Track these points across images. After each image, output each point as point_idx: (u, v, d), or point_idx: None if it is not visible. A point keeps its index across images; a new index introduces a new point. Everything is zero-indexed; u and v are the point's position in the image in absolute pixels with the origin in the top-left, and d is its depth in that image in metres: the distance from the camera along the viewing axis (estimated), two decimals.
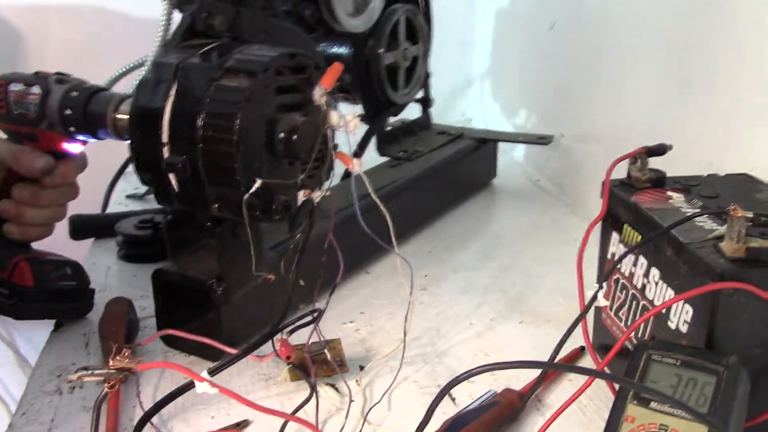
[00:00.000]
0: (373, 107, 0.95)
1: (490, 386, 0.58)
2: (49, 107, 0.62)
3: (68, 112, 0.61)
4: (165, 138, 0.54)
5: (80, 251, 0.90)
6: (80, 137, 0.63)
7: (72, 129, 0.62)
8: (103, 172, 1.06)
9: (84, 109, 0.60)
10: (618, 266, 0.57)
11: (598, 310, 0.62)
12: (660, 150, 0.59)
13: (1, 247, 0.67)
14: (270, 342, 0.56)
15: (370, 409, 0.57)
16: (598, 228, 0.60)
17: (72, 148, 0.64)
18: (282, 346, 0.55)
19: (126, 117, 0.58)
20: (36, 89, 0.62)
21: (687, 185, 0.58)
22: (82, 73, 0.66)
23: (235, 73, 0.53)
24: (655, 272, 0.52)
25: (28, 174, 0.64)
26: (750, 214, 0.47)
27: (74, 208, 0.94)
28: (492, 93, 1.43)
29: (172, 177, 0.55)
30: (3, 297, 0.66)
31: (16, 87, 0.63)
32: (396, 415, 0.57)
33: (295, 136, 0.54)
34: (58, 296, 0.67)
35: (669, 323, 0.50)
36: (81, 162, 0.66)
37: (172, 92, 0.54)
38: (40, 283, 0.66)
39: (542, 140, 1.09)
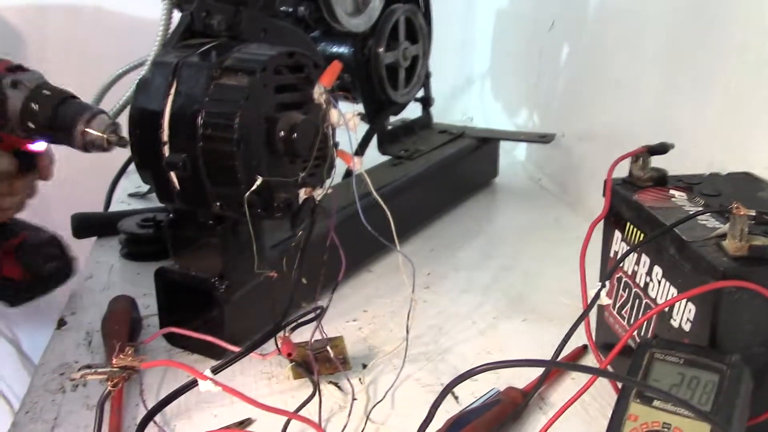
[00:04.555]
0: (373, 106, 0.95)
1: (493, 385, 0.58)
2: (10, 116, 0.58)
3: (31, 126, 0.57)
4: (165, 137, 0.54)
5: (83, 249, 0.90)
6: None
7: (35, 137, 0.60)
8: (106, 171, 1.07)
9: (49, 124, 0.57)
10: (620, 265, 0.57)
11: (601, 308, 0.62)
12: (661, 149, 0.59)
13: None
14: (273, 340, 0.56)
15: (373, 408, 0.57)
16: (600, 227, 0.60)
17: (37, 147, 0.63)
18: (284, 344, 0.55)
19: (94, 132, 0.55)
20: None
21: (689, 184, 0.58)
22: (83, 73, 0.66)
23: (234, 71, 0.53)
24: (657, 270, 0.52)
25: None
26: (752, 213, 0.47)
27: (77, 206, 0.94)
28: (493, 92, 1.43)
29: (172, 175, 0.55)
30: None
31: None
32: (399, 414, 0.57)
33: (294, 135, 0.54)
34: (45, 279, 0.68)
35: (672, 322, 0.50)
36: (51, 155, 0.66)
37: (172, 91, 0.54)
38: (33, 274, 0.66)
39: (543, 139, 1.09)
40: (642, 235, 0.54)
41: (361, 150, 0.95)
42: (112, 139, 0.56)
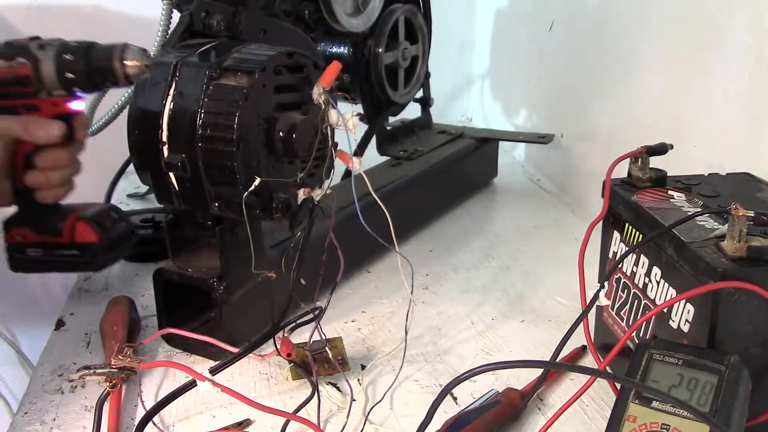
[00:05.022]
0: (372, 107, 0.95)
1: (492, 385, 0.58)
2: (45, 76, 0.61)
3: (70, 75, 0.60)
4: (164, 137, 0.54)
5: None
6: (82, 94, 0.63)
7: (75, 89, 0.62)
8: (105, 172, 1.06)
9: (86, 69, 0.59)
10: (619, 265, 0.57)
11: (600, 309, 0.62)
12: (661, 149, 0.59)
13: (45, 215, 0.68)
14: (272, 341, 0.56)
15: (371, 409, 0.57)
16: (599, 227, 0.60)
17: (76, 106, 0.65)
18: (283, 344, 0.55)
19: (133, 63, 0.58)
20: (21, 61, 0.61)
21: (688, 184, 0.58)
22: None
23: (234, 72, 0.53)
24: (656, 271, 0.52)
25: (46, 142, 0.65)
26: (751, 213, 0.47)
27: None
28: (492, 92, 1.43)
29: (171, 176, 0.55)
30: (76, 258, 0.68)
31: None
32: (397, 415, 0.57)
33: (294, 135, 0.54)
34: (119, 240, 0.69)
35: (670, 322, 0.50)
36: (85, 117, 0.67)
37: (171, 91, 0.54)
38: (105, 235, 0.68)
39: (543, 139, 1.09)
40: (641, 236, 0.54)
41: (360, 150, 0.95)
42: (148, 63, 0.58)
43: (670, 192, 0.57)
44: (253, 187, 0.53)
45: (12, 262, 0.72)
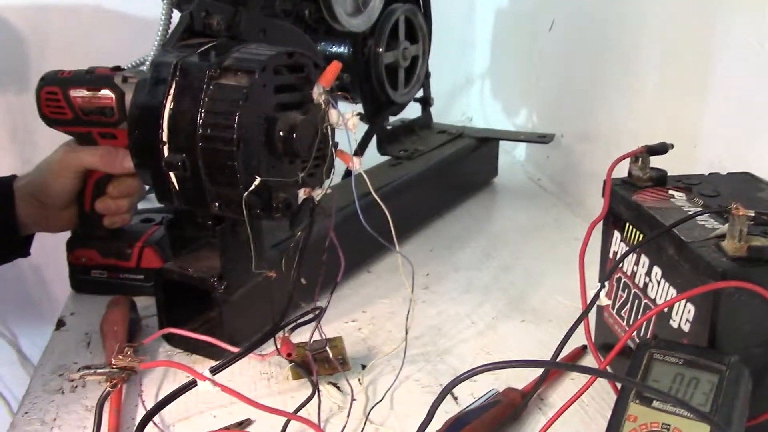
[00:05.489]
0: (373, 107, 0.95)
1: (492, 385, 0.58)
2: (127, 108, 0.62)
3: None
4: (164, 137, 0.54)
5: None
6: None
7: None
8: None
9: None
10: (620, 265, 0.57)
11: (600, 309, 0.62)
12: (661, 149, 0.59)
13: (111, 239, 0.70)
14: (272, 340, 0.56)
15: (372, 408, 0.57)
16: (599, 227, 0.60)
17: None
18: (283, 344, 0.55)
19: None
20: (106, 92, 0.63)
21: (688, 184, 0.58)
22: None
23: (234, 71, 0.53)
24: (657, 271, 0.52)
25: (122, 173, 0.67)
26: (752, 213, 0.47)
27: None
28: (492, 92, 1.43)
29: (172, 176, 0.55)
30: (141, 282, 0.71)
31: (79, 93, 0.64)
32: (398, 414, 0.57)
33: (294, 135, 0.54)
34: None
35: (671, 322, 0.50)
36: None
37: (172, 91, 0.54)
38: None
39: (543, 139, 1.09)
40: (641, 236, 0.54)
41: (360, 150, 0.95)
42: None
43: (670, 192, 0.57)
44: (253, 187, 0.53)
45: (74, 282, 0.73)
